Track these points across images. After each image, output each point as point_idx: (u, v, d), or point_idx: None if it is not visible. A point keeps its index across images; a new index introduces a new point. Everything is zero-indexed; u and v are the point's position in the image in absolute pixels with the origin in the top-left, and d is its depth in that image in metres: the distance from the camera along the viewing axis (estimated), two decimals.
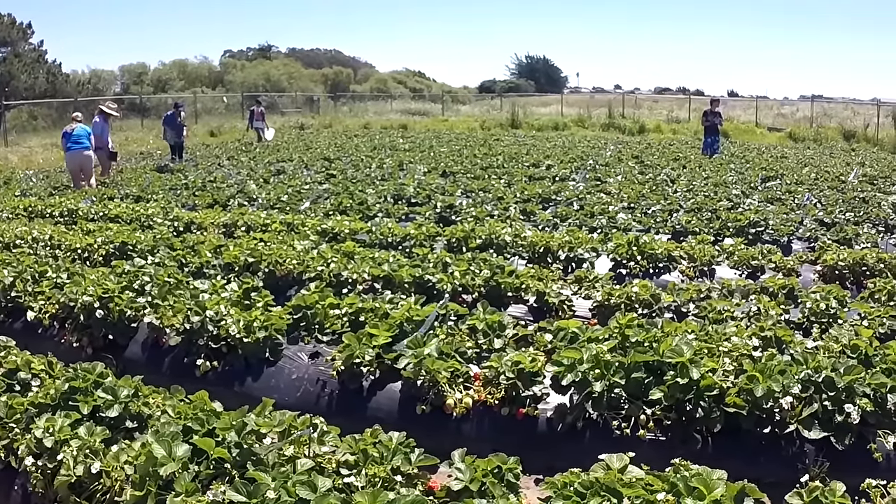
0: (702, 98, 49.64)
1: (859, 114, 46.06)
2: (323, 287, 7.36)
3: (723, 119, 28.62)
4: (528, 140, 33.37)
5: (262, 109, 34.40)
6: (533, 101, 61.97)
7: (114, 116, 20.79)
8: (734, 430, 5.13)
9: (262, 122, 33.29)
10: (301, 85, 66.00)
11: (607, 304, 7.64)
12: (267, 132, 33.12)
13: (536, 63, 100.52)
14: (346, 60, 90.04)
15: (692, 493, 3.83)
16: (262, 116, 33.47)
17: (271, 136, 33.19)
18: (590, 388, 5.17)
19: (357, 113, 53.69)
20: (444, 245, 10.31)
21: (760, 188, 18.03)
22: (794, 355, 5.74)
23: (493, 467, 4.15)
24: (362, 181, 17.81)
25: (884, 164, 26.28)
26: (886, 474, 4.59)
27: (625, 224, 12.48)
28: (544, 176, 19.44)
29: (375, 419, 5.09)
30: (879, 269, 9.65)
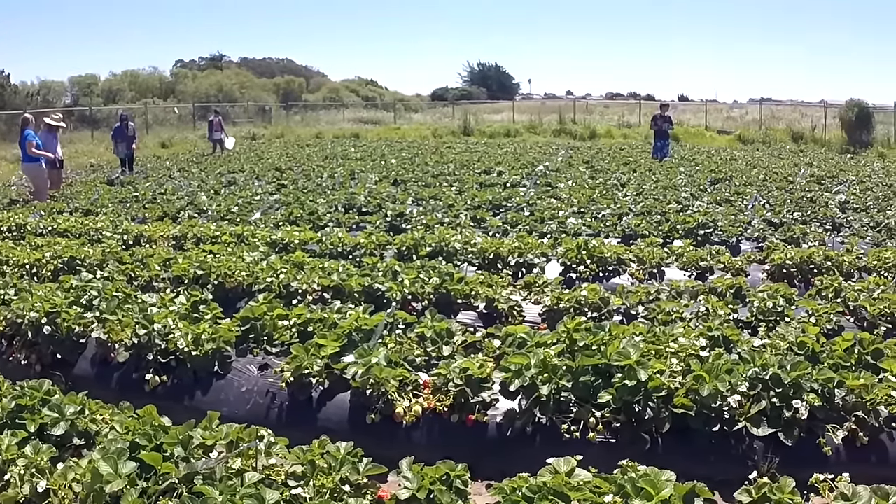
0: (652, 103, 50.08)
1: (807, 116, 46.71)
2: (272, 298, 7.33)
3: (672, 123, 28.81)
4: (479, 147, 33.46)
5: (220, 119, 34.16)
6: (485, 108, 62.15)
7: (61, 128, 20.51)
8: (683, 430, 5.18)
9: (221, 131, 33.07)
10: (253, 95, 65.56)
11: (557, 308, 7.67)
12: (227, 141, 32.91)
13: (488, 70, 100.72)
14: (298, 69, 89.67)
15: (640, 494, 3.85)
16: (220, 126, 33.23)
17: (231, 145, 33.00)
18: (538, 393, 5.18)
19: (309, 122, 53.44)
20: (395, 253, 10.28)
21: (710, 190, 18.22)
22: (742, 354, 5.81)
23: (441, 475, 4.14)
24: (313, 191, 17.74)
25: (831, 164, 26.71)
26: (836, 468, 4.65)
27: (575, 229, 12.52)
28: (495, 182, 19.49)
29: (326, 430, 5.05)
30: (826, 266, 9.79)
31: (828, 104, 46.16)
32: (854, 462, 5.10)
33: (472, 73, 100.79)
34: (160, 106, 55.26)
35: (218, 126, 33.13)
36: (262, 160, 27.08)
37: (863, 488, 4.16)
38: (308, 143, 37.99)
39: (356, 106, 64.89)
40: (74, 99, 60.73)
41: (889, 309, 7.89)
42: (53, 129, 19.77)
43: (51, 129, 19.67)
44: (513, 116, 52.11)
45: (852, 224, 14.23)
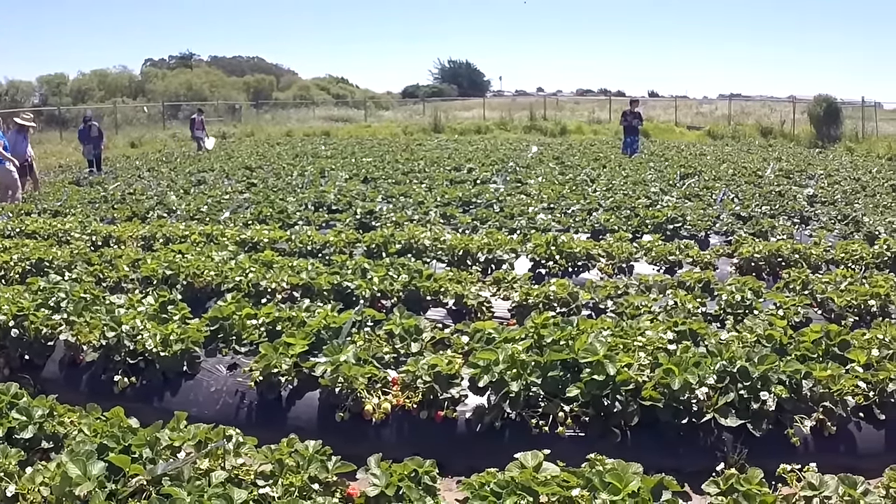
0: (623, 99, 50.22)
1: (776, 111, 47.30)
2: (240, 297, 7.29)
3: (642, 119, 28.95)
4: (450, 144, 33.51)
5: (202, 118, 33.97)
6: (456, 105, 62.30)
7: (31, 128, 20.31)
8: (652, 423, 5.22)
9: (202, 130, 32.88)
10: (223, 93, 65.18)
11: (526, 304, 7.69)
12: (207, 141, 32.74)
13: (459, 68, 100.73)
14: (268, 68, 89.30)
15: (607, 487, 3.87)
16: (202, 125, 33.05)
17: (212, 146, 32.84)
18: (507, 388, 5.19)
19: (279, 121, 53.26)
20: (364, 251, 10.27)
21: (679, 185, 18.34)
22: (709, 347, 5.86)
23: (409, 471, 4.15)
24: (283, 189, 17.70)
25: (799, 158, 26.97)
26: (805, 458, 4.68)
27: (544, 224, 12.55)
28: (465, 179, 19.54)
29: (295, 428, 5.03)
30: (794, 259, 9.89)
31: (796, 100, 46.57)
32: (822, 452, 5.17)
33: (443, 71, 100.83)
34: (129, 105, 54.87)
35: (199, 125, 32.94)
36: (233, 159, 26.96)
37: (830, 477, 4.20)
38: (278, 141, 37.90)
39: (327, 104, 64.79)
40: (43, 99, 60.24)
41: (856, 300, 7.97)
42: (24, 129, 19.56)
43: (21, 130, 19.47)
44: (483, 113, 52.22)
45: (820, 217, 14.37)
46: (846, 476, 4.20)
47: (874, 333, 6.42)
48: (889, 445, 5.36)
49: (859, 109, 40.70)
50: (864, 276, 9.01)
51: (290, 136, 42.73)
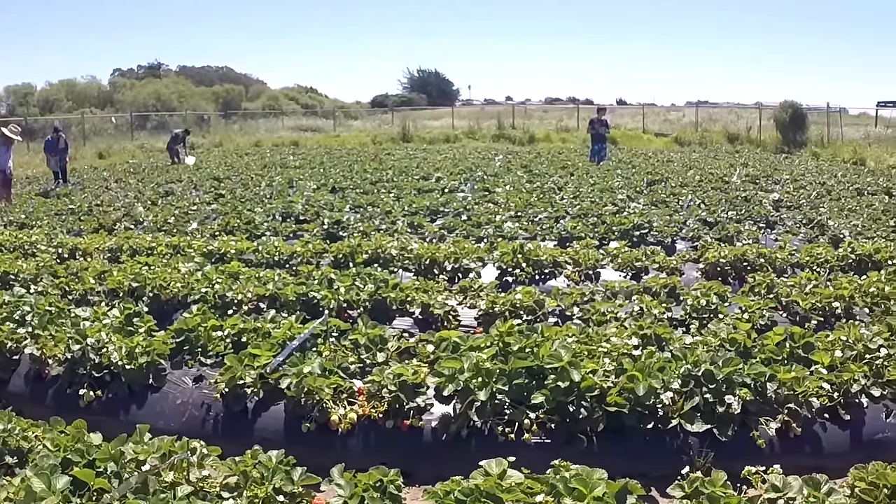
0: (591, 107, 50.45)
1: (742, 117, 47.70)
2: (205, 309, 7.26)
3: (609, 127, 29.08)
4: (418, 153, 33.52)
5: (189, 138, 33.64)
6: (425, 114, 62.17)
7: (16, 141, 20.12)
8: (618, 428, 5.24)
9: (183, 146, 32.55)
10: (192, 103, 64.66)
11: (492, 312, 7.72)
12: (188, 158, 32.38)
13: (428, 77, 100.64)
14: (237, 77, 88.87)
15: (572, 493, 3.88)
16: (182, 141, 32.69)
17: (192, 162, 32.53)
18: (472, 397, 5.20)
19: (248, 131, 52.95)
20: (331, 261, 10.25)
21: (646, 192, 18.44)
22: (674, 352, 5.90)
23: (374, 481, 4.14)
24: (251, 200, 17.63)
25: (766, 163, 27.20)
26: (770, 460, 4.72)
27: (511, 232, 12.59)
28: (433, 188, 19.54)
29: (262, 440, 5.02)
30: (760, 263, 9.98)
31: (763, 106, 47.00)
32: (788, 453, 5.23)
33: (412, 80, 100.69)
34: (97, 116, 54.41)
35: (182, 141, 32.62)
36: (201, 170, 26.84)
37: (794, 479, 4.24)
38: (247, 151, 37.74)
39: (296, 114, 64.58)
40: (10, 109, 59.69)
41: (821, 303, 8.06)
42: (9, 141, 19.39)
43: (6, 142, 19.30)
44: (452, 122, 52.16)
45: (786, 222, 14.52)
46: (810, 477, 4.24)
47: (838, 335, 6.49)
48: (854, 445, 5.43)
49: (825, 115, 41.13)
50: (829, 279, 9.09)
51: (258, 146, 42.53)
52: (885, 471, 4.36)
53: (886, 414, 5.64)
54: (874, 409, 5.65)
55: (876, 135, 39.75)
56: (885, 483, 4.28)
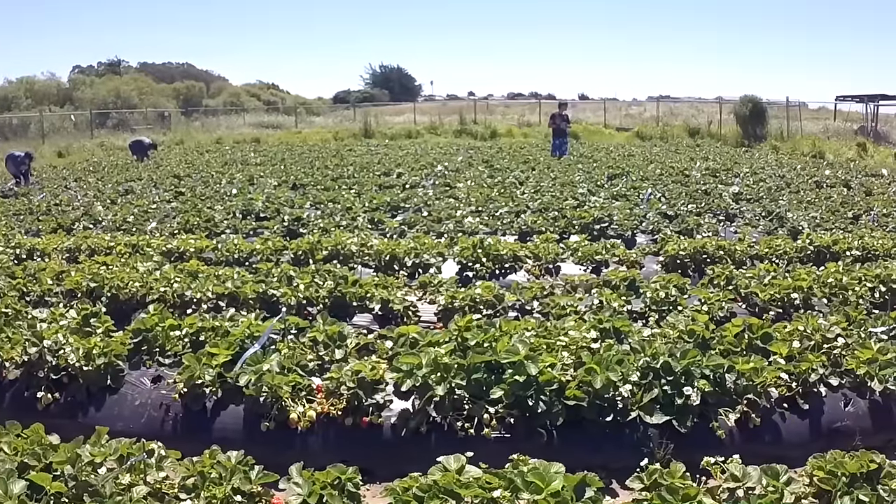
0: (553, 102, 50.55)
1: (703, 112, 48.19)
2: (163, 309, 7.18)
3: (570, 122, 29.15)
4: (380, 149, 33.46)
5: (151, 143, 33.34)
6: (387, 110, 62.03)
7: None
8: (578, 422, 5.27)
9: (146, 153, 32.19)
10: (152, 101, 63.93)
11: (452, 307, 7.71)
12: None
13: (391, 72, 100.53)
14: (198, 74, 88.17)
15: (529, 487, 3.88)
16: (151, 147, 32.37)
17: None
18: (431, 392, 5.20)
19: (209, 128, 52.35)
20: (291, 258, 10.19)
21: (607, 186, 18.54)
22: (633, 344, 5.92)
23: (332, 479, 4.13)
24: (211, 198, 17.48)
25: (726, 157, 27.46)
26: (730, 450, 4.78)
27: (472, 227, 12.62)
28: (394, 184, 19.57)
29: (221, 440, 4.97)
30: (719, 255, 10.05)
31: (723, 100, 47.66)
32: (748, 443, 5.31)
33: (375, 76, 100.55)
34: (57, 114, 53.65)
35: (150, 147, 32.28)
36: (161, 168, 26.58)
37: (753, 468, 4.28)
38: (208, 149, 37.41)
39: (257, 110, 64.22)
40: None
41: (779, 294, 8.13)
42: None
43: None
44: (414, 118, 52.11)
45: (745, 214, 14.66)
46: (769, 466, 4.29)
47: (796, 325, 6.57)
48: (813, 434, 5.52)
49: (784, 109, 41.70)
50: (788, 271, 9.17)
51: (220, 143, 42.20)
52: (843, 459, 4.40)
53: (845, 403, 5.72)
54: (833, 399, 5.73)
55: (835, 128, 40.46)
56: (844, 471, 4.32)
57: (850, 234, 12.02)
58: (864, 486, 4.26)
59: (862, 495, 4.17)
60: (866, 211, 14.98)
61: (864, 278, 8.77)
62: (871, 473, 4.34)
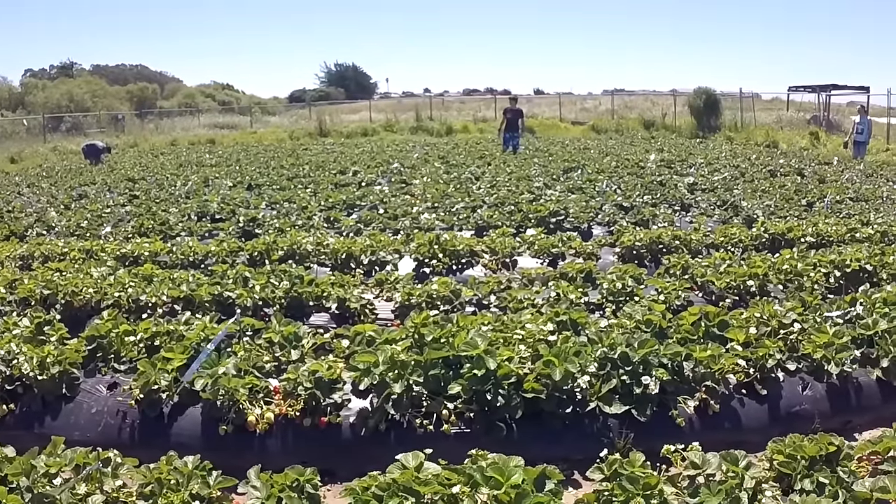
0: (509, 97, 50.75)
1: (658, 104, 48.52)
2: (117, 314, 7.09)
3: (523, 116, 29.19)
4: (336, 148, 33.38)
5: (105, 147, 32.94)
6: (343, 108, 61.88)
7: None
8: (537, 414, 5.28)
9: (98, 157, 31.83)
10: (106, 103, 63.32)
11: (409, 303, 7.69)
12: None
13: (346, 70, 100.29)
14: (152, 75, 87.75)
15: (488, 482, 3.87)
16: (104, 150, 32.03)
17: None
18: (388, 390, 5.17)
19: (164, 130, 51.89)
20: (246, 259, 10.10)
21: (562, 179, 18.61)
22: (590, 336, 5.94)
23: (290, 481, 4.11)
24: (166, 200, 17.30)
25: (681, 148, 27.68)
26: (691, 437, 4.84)
27: (428, 224, 12.59)
28: (350, 182, 19.50)
29: (180, 445, 4.91)
30: (675, 245, 10.13)
31: (678, 93, 48.11)
32: (708, 430, 5.36)
33: (330, 74, 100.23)
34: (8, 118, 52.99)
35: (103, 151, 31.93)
36: (115, 171, 26.28)
37: (712, 455, 4.33)
38: (163, 151, 37.13)
39: (212, 111, 63.80)
40: None
41: (735, 282, 8.20)
42: None
43: None
44: (370, 116, 52.04)
45: (700, 204, 14.77)
46: (728, 452, 4.33)
47: (752, 312, 6.64)
48: (773, 419, 5.59)
49: (738, 100, 42.19)
50: (743, 258, 9.26)
51: (174, 145, 41.90)
52: (802, 442, 4.47)
53: (803, 387, 5.80)
54: (791, 383, 5.81)
55: (788, 118, 41.04)
56: (803, 454, 4.39)
57: (805, 222, 12.17)
58: (823, 468, 4.33)
59: (822, 477, 4.23)
60: (820, 198, 15.18)
61: (818, 264, 8.88)
62: (830, 456, 4.40)
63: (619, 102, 52.71)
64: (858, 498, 4.03)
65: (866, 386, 5.98)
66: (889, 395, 5.99)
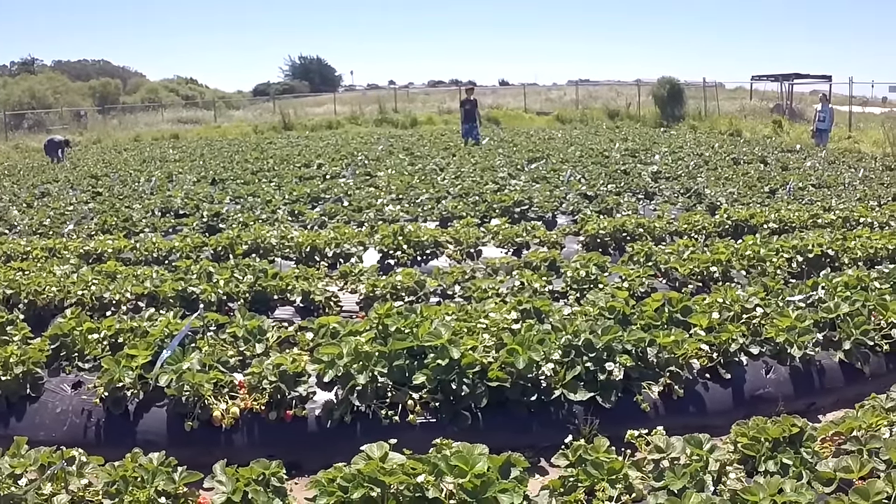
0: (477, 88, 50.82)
1: (622, 94, 48.86)
2: (80, 312, 7.02)
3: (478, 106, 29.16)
4: (301, 141, 33.24)
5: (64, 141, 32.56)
6: (307, 101, 61.70)
7: None
8: (502, 403, 5.31)
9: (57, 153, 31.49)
10: (68, 99, 62.48)
11: (373, 295, 7.71)
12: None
13: (310, 63, 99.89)
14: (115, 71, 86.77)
15: (453, 470, 3.88)
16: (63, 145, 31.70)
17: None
18: (353, 381, 5.18)
19: (127, 126, 51.33)
20: (211, 254, 10.07)
21: (527, 169, 18.65)
22: (554, 323, 5.98)
23: (256, 475, 4.09)
24: (129, 197, 17.15)
25: (645, 138, 27.85)
26: (655, 422, 4.91)
27: (393, 215, 12.61)
28: (315, 175, 19.45)
29: (146, 443, 4.93)
30: (639, 233, 10.20)
31: (642, 83, 48.42)
32: (673, 415, 5.43)
33: (294, 67, 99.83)
34: None
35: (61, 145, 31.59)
36: (78, 168, 26.04)
37: (676, 439, 4.38)
38: (126, 147, 36.78)
39: (175, 106, 63.26)
40: None
41: (698, 268, 8.29)
42: None
43: None
44: (335, 108, 51.86)
45: (664, 192, 14.87)
46: (692, 436, 4.39)
47: (714, 297, 6.72)
48: (737, 402, 5.67)
49: (701, 90, 42.49)
50: (706, 245, 9.32)
51: (138, 141, 41.53)
52: (765, 425, 4.51)
53: (766, 370, 5.88)
54: (754, 367, 5.89)
55: (751, 107, 41.49)
56: (767, 437, 4.44)
57: (767, 208, 12.30)
58: (787, 449, 4.38)
59: (785, 459, 4.29)
60: (782, 185, 15.34)
61: (781, 249, 8.97)
62: (793, 437, 4.45)
63: (583, 93, 53.02)
64: (822, 478, 4.09)
65: (829, 368, 6.06)
66: (851, 377, 6.09)
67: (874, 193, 14.58)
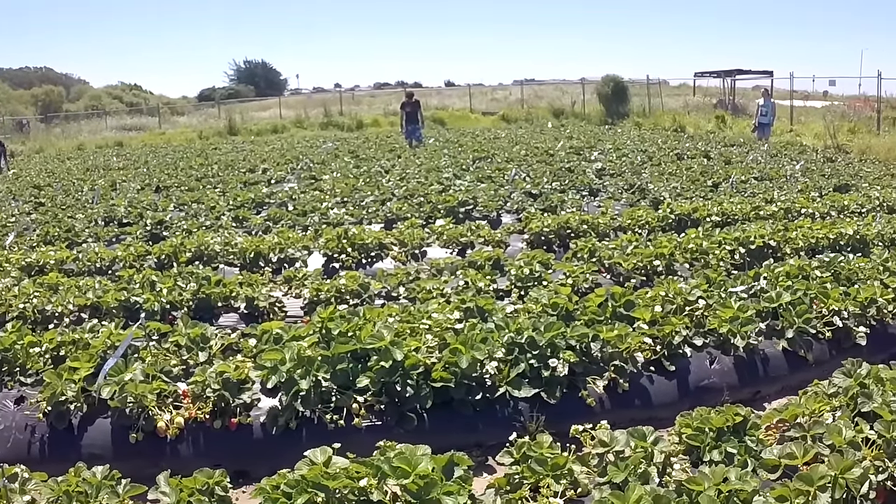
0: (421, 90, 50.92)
1: (567, 93, 49.18)
2: (20, 326, 6.92)
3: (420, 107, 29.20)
4: (246, 146, 33.05)
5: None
6: (253, 106, 61.30)
7: None
8: (447, 403, 5.34)
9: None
10: (9, 108, 61.68)
11: (317, 299, 7.69)
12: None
13: (256, 67, 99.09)
14: (57, 78, 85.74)
15: (396, 472, 3.90)
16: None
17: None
18: (296, 387, 5.17)
19: (70, 134, 50.61)
20: (154, 263, 9.95)
21: (472, 169, 18.68)
22: (497, 322, 6.00)
23: (200, 484, 4.08)
24: (72, 206, 16.93)
25: (589, 135, 28.01)
26: (602, 416, 4.98)
27: (337, 218, 12.54)
28: (259, 180, 19.35)
29: (91, 457, 4.87)
30: (583, 230, 10.27)
31: (586, 81, 48.71)
32: (619, 408, 5.52)
33: (240, 72, 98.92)
34: None
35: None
36: (20, 178, 25.69)
37: (620, 432, 4.42)
38: (69, 156, 36.29)
39: (119, 113, 62.57)
40: None
41: (642, 262, 8.37)
42: None
43: None
44: (280, 112, 51.67)
45: (608, 189, 14.99)
46: (635, 429, 4.44)
47: (657, 291, 6.80)
48: (682, 394, 5.78)
49: (645, 87, 42.85)
50: (650, 239, 9.41)
51: (81, 149, 41.01)
52: (709, 415, 4.59)
53: (710, 361, 5.98)
54: (698, 358, 5.98)
55: (694, 103, 42.03)
56: (711, 426, 4.52)
57: (710, 202, 12.43)
58: (731, 438, 4.46)
59: (729, 447, 4.38)
60: (725, 179, 15.52)
61: (723, 242, 9.11)
62: (737, 426, 4.54)
63: (528, 92, 53.35)
64: (767, 465, 4.16)
65: (773, 357, 6.19)
66: (795, 365, 6.22)
67: (815, 185, 14.85)
